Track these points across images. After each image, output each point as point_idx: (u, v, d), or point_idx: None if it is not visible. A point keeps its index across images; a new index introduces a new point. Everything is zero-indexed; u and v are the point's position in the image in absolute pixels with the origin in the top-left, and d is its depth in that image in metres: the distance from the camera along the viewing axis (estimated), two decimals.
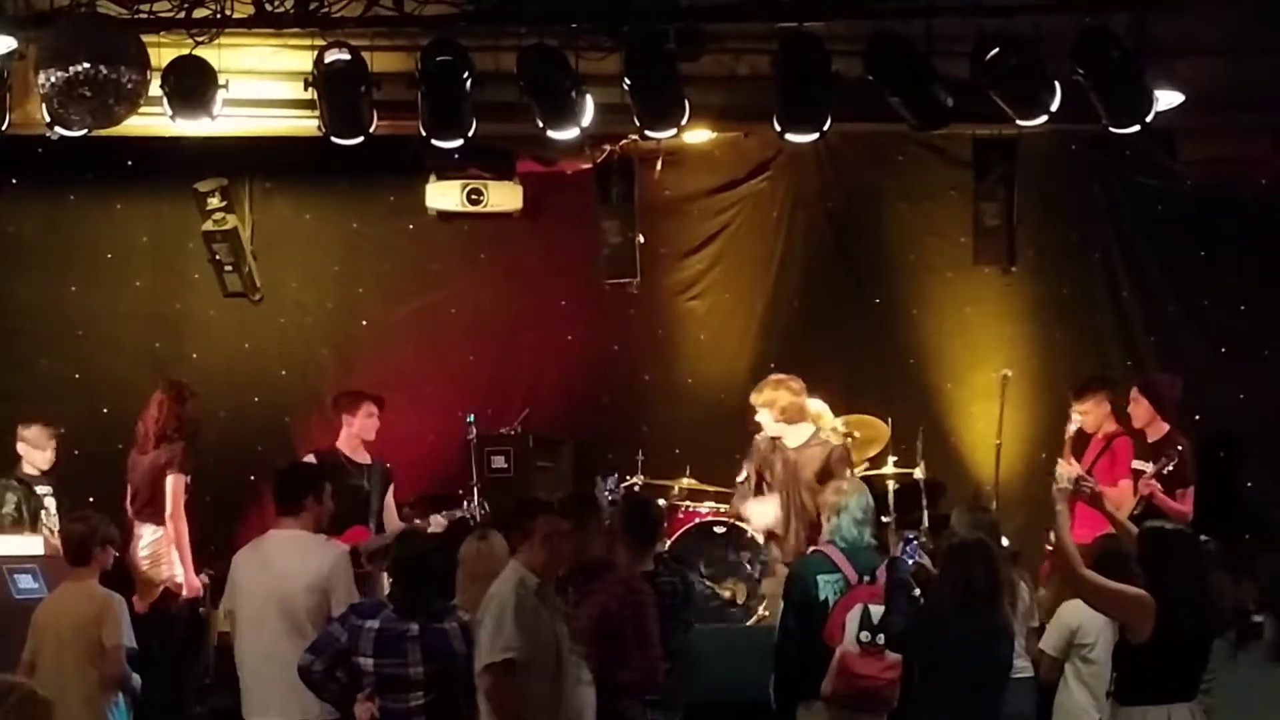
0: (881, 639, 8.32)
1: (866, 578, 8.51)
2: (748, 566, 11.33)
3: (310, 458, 11.04)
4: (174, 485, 10.56)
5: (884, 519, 11.35)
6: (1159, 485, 10.52)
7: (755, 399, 10.49)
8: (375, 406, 11.21)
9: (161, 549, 10.53)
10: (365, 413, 11.18)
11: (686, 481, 12.02)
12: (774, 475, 10.36)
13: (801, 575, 8.71)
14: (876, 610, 8.38)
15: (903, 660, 8.28)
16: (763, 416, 10.47)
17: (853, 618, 8.38)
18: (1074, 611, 8.71)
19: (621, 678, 7.83)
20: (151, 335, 13.09)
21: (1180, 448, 10.57)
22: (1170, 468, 10.52)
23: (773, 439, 10.46)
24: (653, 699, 7.87)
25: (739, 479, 10.73)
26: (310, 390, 13.03)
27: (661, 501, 11.66)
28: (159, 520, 10.58)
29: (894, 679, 8.38)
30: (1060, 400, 12.66)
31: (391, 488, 11.31)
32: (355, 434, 11.19)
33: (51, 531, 10.70)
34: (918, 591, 9.46)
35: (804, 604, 8.55)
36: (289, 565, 8.14)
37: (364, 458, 11.18)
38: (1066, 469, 7.95)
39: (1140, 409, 11.12)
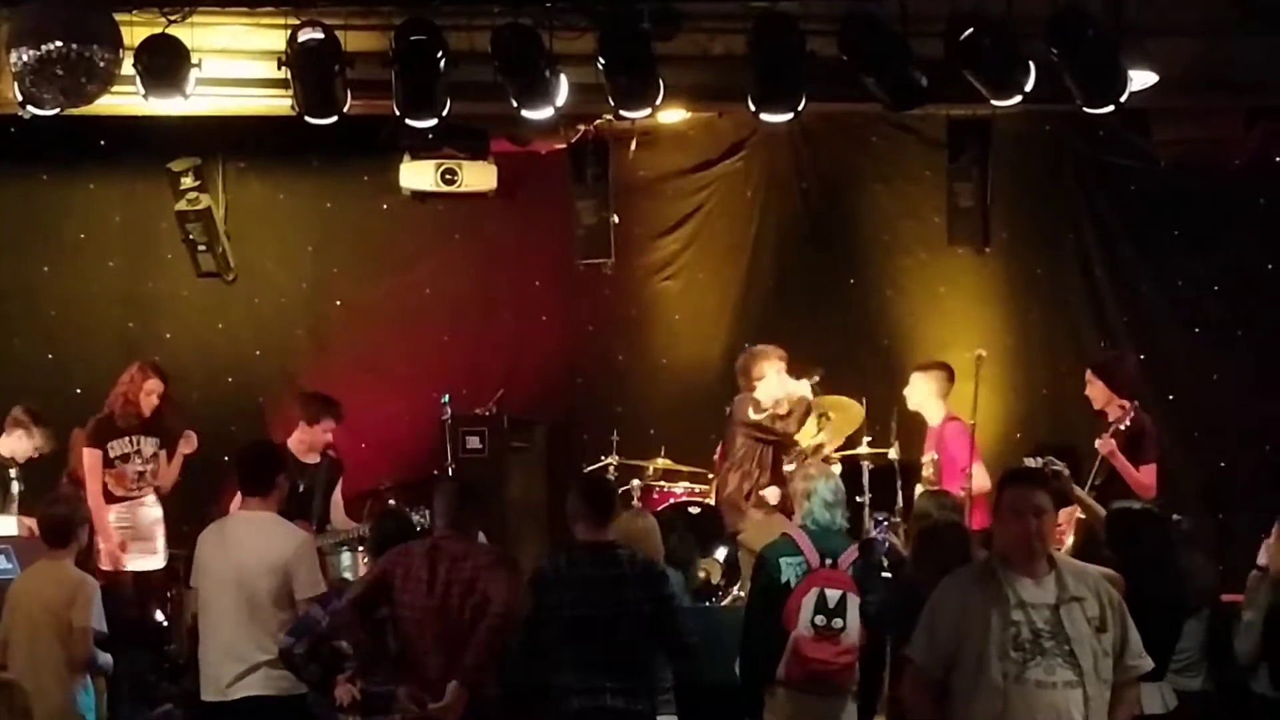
0: (836, 623, 8.34)
1: (828, 561, 8.52)
2: (721, 546, 11.36)
3: None
4: (85, 459, 10.79)
5: (858, 499, 11.37)
6: (1115, 443, 10.48)
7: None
8: (334, 423, 11.19)
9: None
10: (323, 428, 11.17)
11: (661, 462, 12.04)
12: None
13: (767, 559, 8.73)
14: (832, 594, 8.36)
15: (869, 641, 8.34)
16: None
17: (808, 602, 8.36)
18: None
19: None
20: (125, 315, 13.06)
21: (1133, 413, 10.57)
22: (1126, 423, 10.49)
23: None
24: None
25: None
26: (284, 371, 13.02)
27: (636, 482, 11.72)
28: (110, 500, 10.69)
29: (848, 663, 8.37)
30: (1034, 380, 12.76)
31: (340, 483, 11.29)
32: (305, 440, 11.17)
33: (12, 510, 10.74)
34: (888, 574, 9.54)
35: (768, 587, 8.55)
36: (251, 547, 8.05)
37: (312, 459, 11.17)
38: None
39: (1096, 390, 11.10)
